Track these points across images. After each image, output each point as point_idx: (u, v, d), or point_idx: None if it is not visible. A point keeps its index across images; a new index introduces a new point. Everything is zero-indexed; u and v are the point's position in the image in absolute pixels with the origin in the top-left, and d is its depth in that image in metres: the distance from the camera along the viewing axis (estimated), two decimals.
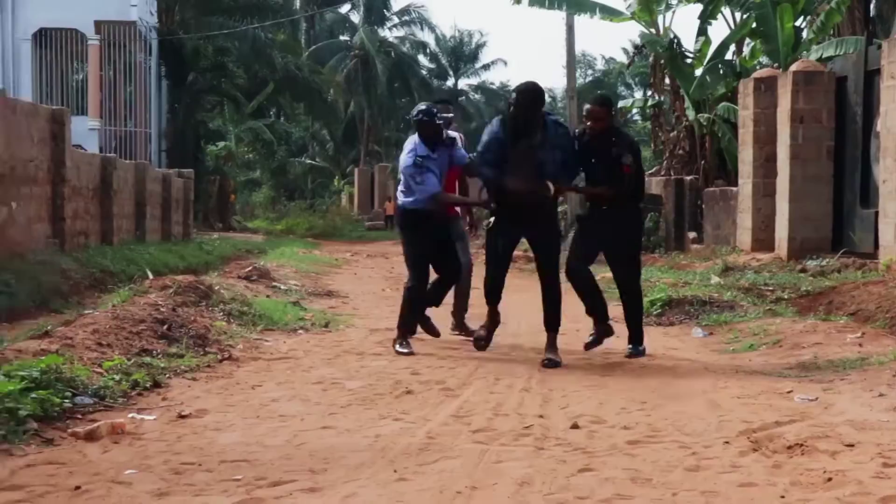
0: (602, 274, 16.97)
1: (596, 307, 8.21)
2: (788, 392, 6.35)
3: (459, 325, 9.35)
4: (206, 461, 4.81)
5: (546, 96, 8.11)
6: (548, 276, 8.01)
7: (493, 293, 8.18)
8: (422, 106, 8.73)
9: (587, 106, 8.16)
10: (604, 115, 7.89)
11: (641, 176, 8.17)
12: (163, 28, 36.16)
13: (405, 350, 8.35)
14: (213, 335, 8.73)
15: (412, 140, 8.63)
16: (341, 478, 4.54)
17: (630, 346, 8.23)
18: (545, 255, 8.06)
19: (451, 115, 9.02)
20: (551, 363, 7.68)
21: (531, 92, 7.70)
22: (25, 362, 5.98)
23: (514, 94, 7.79)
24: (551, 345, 7.93)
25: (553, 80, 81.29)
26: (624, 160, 7.74)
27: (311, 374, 7.43)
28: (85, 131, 30.40)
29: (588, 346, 8.24)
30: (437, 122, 8.51)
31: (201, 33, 36.39)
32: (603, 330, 8.24)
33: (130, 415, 5.78)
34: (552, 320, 7.99)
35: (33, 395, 5.47)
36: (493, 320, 8.33)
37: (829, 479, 4.27)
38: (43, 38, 32.02)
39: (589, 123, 7.94)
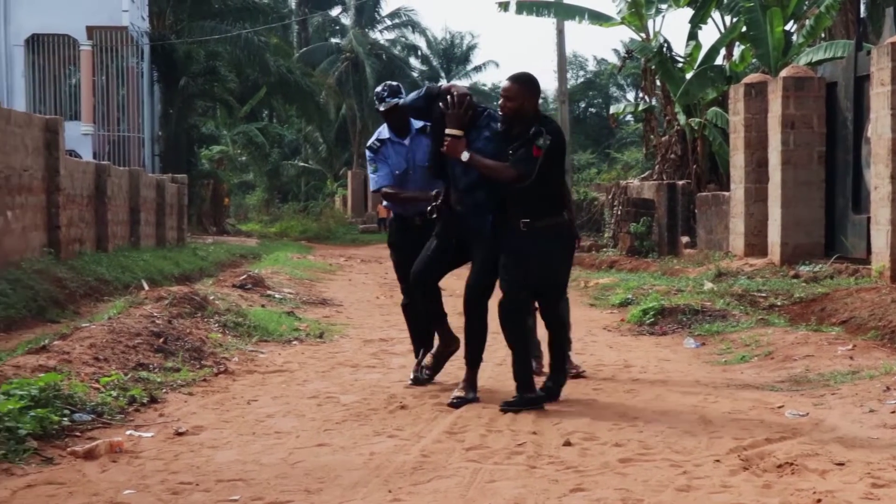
0: (595, 279, 17.01)
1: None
2: (779, 407, 6.40)
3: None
4: (202, 481, 4.86)
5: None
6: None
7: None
8: (378, 87, 7.52)
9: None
10: (517, 95, 6.45)
11: (559, 177, 6.67)
12: (154, 33, 36.16)
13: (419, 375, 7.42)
14: (208, 348, 8.78)
15: (383, 125, 7.57)
16: (336, 497, 4.60)
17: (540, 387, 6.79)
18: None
19: (400, 101, 7.33)
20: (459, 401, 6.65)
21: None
22: (24, 380, 6.03)
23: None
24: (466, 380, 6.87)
25: (544, 83, 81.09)
26: (538, 141, 6.31)
27: (305, 387, 7.48)
28: (78, 136, 30.45)
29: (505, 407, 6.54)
30: (380, 106, 7.34)
31: (193, 38, 36.41)
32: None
33: (128, 432, 5.83)
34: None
35: (32, 414, 5.53)
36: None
37: (819, 501, 4.33)
38: (35, 43, 32.02)
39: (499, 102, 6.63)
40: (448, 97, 6.60)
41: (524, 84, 6.52)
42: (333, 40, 58.09)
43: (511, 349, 6.67)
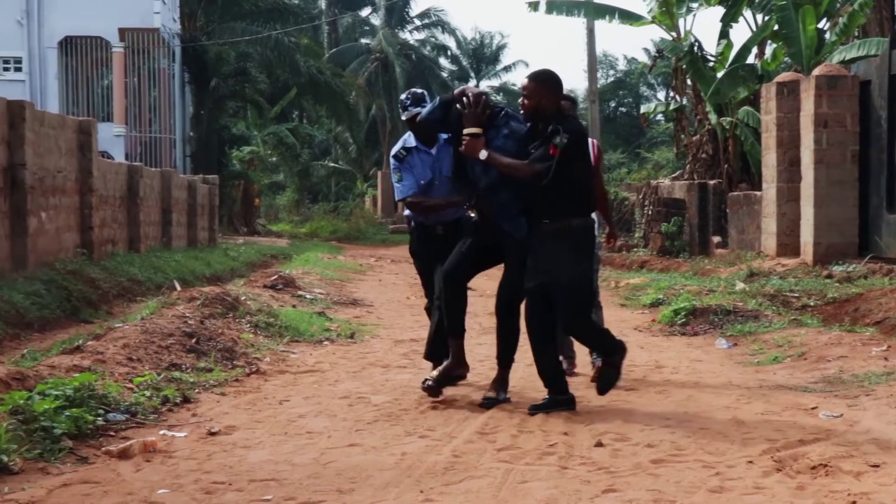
0: (626, 279, 16.97)
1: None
2: (813, 408, 6.36)
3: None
4: (235, 480, 4.89)
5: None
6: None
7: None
8: (402, 94, 7.38)
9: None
10: (534, 92, 6.39)
11: (580, 177, 6.44)
12: (186, 34, 36.40)
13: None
14: (240, 348, 8.83)
15: (408, 133, 7.38)
16: (368, 497, 4.61)
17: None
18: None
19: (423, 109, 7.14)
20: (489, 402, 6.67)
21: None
22: (59, 380, 6.08)
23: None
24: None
25: (574, 82, 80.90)
26: (554, 140, 6.21)
27: (337, 388, 7.51)
28: (110, 138, 30.71)
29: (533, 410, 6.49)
30: (403, 115, 7.25)
31: (224, 39, 36.61)
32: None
33: (161, 432, 5.88)
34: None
35: (67, 414, 5.59)
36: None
37: (853, 503, 4.29)
38: (68, 45, 32.33)
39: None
40: (463, 98, 6.57)
41: (541, 82, 6.44)
42: (363, 41, 58.22)
43: (532, 350, 6.62)
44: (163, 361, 7.71)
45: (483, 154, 6.38)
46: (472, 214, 6.82)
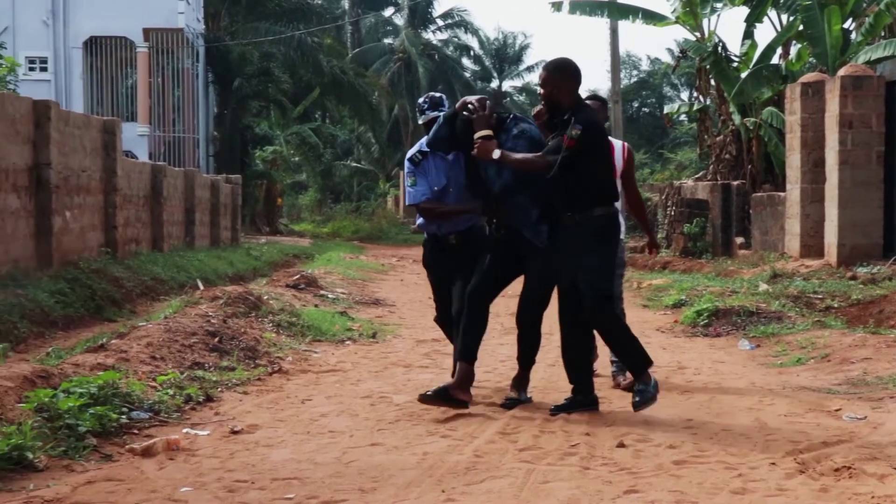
0: (649, 280, 16.91)
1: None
2: (836, 410, 6.33)
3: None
4: (258, 479, 4.91)
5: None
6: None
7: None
8: (420, 98, 7.26)
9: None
10: (547, 81, 6.34)
11: (596, 168, 6.31)
12: (209, 34, 36.56)
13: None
14: (262, 347, 8.86)
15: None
16: (390, 497, 4.62)
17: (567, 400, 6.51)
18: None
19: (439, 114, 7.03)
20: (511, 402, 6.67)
21: None
22: (83, 378, 6.13)
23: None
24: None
25: (597, 82, 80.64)
26: (570, 131, 6.09)
27: (359, 387, 7.53)
28: (134, 137, 30.90)
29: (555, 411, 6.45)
30: (420, 119, 7.14)
31: (247, 39, 36.74)
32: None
33: (185, 430, 5.91)
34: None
35: (91, 411, 5.63)
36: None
37: None
38: (94, 45, 32.55)
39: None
40: (469, 106, 6.51)
41: (554, 71, 6.33)
42: (386, 41, 58.31)
43: (562, 343, 6.54)
44: (186, 360, 7.75)
45: (496, 153, 6.30)
46: (487, 225, 6.74)
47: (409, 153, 7.11)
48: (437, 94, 7.29)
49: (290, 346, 9.34)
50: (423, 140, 7.04)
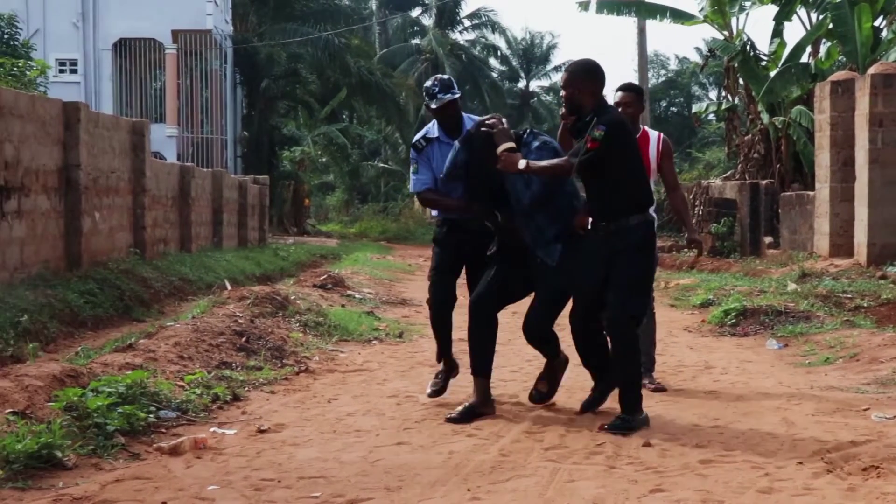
0: (676, 280, 16.83)
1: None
2: (865, 410, 6.29)
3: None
4: (284, 477, 4.93)
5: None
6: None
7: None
8: (427, 82, 6.73)
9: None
10: (569, 83, 6.16)
11: (634, 169, 6.17)
12: (237, 35, 36.75)
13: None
14: (289, 347, 8.90)
15: (433, 121, 6.81)
16: (416, 495, 4.63)
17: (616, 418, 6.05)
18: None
19: (455, 94, 6.62)
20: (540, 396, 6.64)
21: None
22: (112, 377, 6.18)
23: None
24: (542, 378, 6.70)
25: (625, 82, 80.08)
26: (592, 132, 5.86)
27: (385, 386, 7.54)
28: (163, 139, 31.13)
29: (585, 408, 6.43)
30: (434, 104, 6.59)
31: (275, 40, 36.88)
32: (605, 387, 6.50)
33: (212, 429, 5.94)
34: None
35: (120, 411, 5.67)
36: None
37: None
38: (122, 47, 32.80)
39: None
40: (486, 124, 6.26)
41: (577, 72, 6.13)
42: (414, 41, 58.35)
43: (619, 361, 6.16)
44: (213, 360, 7.80)
45: (522, 164, 6.01)
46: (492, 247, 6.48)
47: (414, 139, 6.78)
48: (446, 77, 6.75)
49: (317, 345, 9.38)
50: (430, 126, 6.74)
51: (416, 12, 61.14)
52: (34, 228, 11.72)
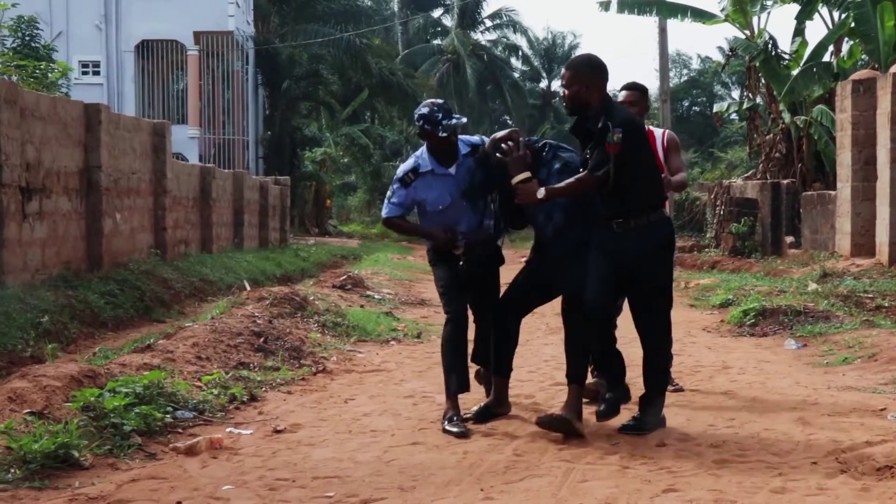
0: (696, 280, 16.77)
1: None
2: (882, 410, 6.26)
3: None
4: (299, 477, 4.96)
5: None
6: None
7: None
8: (423, 109, 6.24)
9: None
10: (571, 81, 5.84)
11: (650, 167, 6.00)
12: (259, 37, 36.87)
13: (454, 430, 5.95)
14: (307, 347, 8.93)
15: (421, 151, 6.38)
16: (430, 495, 4.64)
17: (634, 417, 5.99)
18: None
19: (461, 119, 6.28)
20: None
21: None
22: (130, 378, 6.22)
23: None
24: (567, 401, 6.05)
25: (647, 81, 79.99)
26: (610, 138, 5.61)
27: (402, 387, 7.56)
28: (185, 140, 31.28)
29: (601, 417, 6.03)
30: (442, 132, 6.14)
31: (297, 41, 36.98)
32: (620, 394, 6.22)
33: (228, 429, 5.97)
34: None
35: (137, 411, 5.72)
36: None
37: None
38: (145, 49, 32.98)
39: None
40: (502, 146, 5.95)
41: (581, 67, 5.84)
42: (435, 42, 58.40)
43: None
44: (231, 360, 7.84)
45: (541, 193, 5.76)
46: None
47: (401, 170, 6.34)
48: (441, 101, 6.33)
49: (335, 346, 9.41)
50: (420, 154, 6.32)
51: (437, 13, 61.23)
52: (55, 229, 11.81)
